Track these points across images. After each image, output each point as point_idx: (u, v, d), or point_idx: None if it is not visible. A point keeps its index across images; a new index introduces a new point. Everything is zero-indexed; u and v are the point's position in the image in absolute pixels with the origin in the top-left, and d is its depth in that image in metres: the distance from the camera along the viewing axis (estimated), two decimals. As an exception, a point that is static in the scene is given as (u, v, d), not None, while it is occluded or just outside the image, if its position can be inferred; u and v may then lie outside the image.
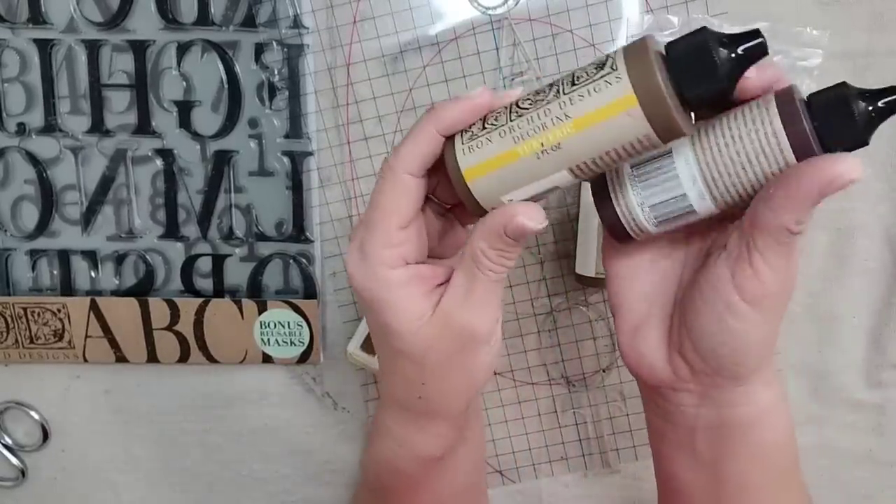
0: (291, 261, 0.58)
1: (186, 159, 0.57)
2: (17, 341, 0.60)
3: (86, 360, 0.60)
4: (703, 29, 0.33)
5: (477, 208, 0.38)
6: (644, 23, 0.53)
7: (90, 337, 0.60)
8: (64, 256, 0.59)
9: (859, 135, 0.34)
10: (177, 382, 0.61)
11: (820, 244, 0.56)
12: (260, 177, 0.57)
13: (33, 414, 0.62)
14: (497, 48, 0.54)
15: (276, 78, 0.55)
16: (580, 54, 0.54)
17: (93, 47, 0.56)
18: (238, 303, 0.58)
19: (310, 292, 0.59)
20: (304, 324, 0.58)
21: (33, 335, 0.60)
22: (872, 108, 0.34)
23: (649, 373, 0.40)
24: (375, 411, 0.44)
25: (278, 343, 0.59)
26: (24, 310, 0.59)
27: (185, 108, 0.57)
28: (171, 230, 0.58)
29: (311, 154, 0.57)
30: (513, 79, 0.55)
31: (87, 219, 0.59)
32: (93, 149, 0.58)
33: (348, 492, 0.62)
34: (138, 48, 0.56)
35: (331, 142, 0.56)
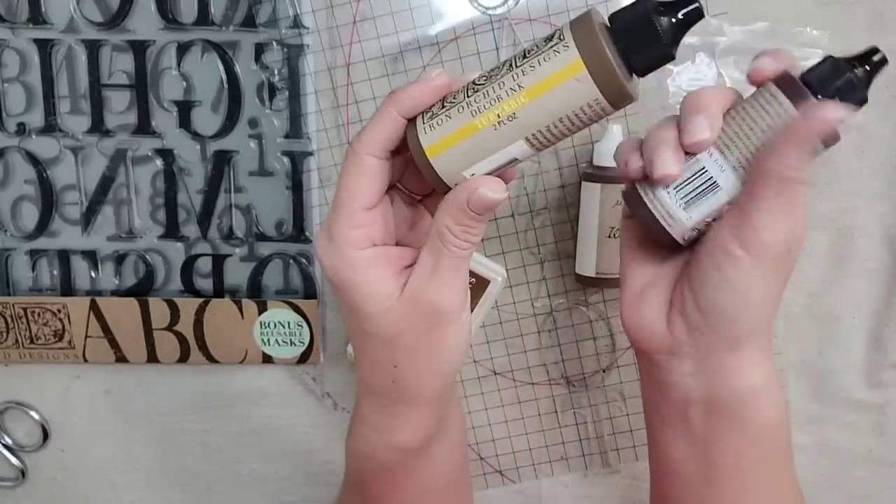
0: (291, 261, 0.58)
1: (186, 159, 0.57)
2: (17, 341, 0.60)
3: (86, 360, 0.60)
4: None
5: (441, 185, 0.39)
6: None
7: (90, 337, 0.60)
8: (64, 256, 0.59)
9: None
10: (177, 382, 0.61)
11: (820, 244, 0.57)
12: (260, 177, 0.57)
13: (33, 414, 0.62)
14: (497, 48, 0.54)
15: (276, 78, 0.55)
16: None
17: (93, 47, 0.56)
18: (238, 303, 0.58)
19: (310, 292, 0.59)
20: (304, 324, 0.58)
21: (33, 335, 0.60)
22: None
23: (648, 337, 0.41)
24: (355, 402, 0.44)
25: (278, 343, 0.59)
26: (25, 310, 0.59)
27: (185, 108, 0.57)
28: (171, 230, 0.58)
29: (311, 154, 0.57)
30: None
31: (87, 219, 0.59)
32: (93, 149, 0.58)
33: (348, 492, 0.63)
34: (138, 48, 0.56)
35: (331, 142, 0.56)
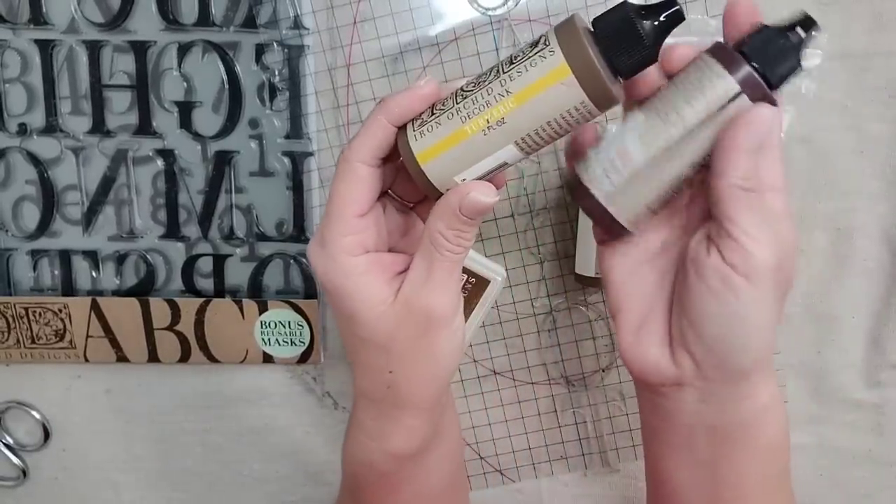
0: (292, 261, 0.59)
1: (187, 160, 0.58)
2: (18, 341, 0.60)
3: (87, 360, 0.60)
4: (624, 3, 0.36)
5: (432, 190, 0.39)
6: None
7: (91, 337, 0.60)
8: (65, 256, 0.59)
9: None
10: (177, 382, 0.61)
11: (819, 244, 0.57)
12: (260, 177, 0.57)
13: (34, 413, 0.62)
14: (497, 49, 0.55)
15: (277, 79, 0.56)
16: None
17: (94, 48, 0.56)
18: (239, 303, 0.58)
19: (310, 292, 0.59)
20: (305, 324, 0.59)
21: (34, 335, 0.60)
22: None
23: (654, 371, 0.40)
24: (351, 408, 0.44)
25: (279, 343, 0.59)
26: (26, 310, 0.59)
27: (185, 109, 0.57)
28: (172, 230, 0.59)
29: (311, 154, 0.57)
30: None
31: (88, 219, 0.59)
32: (94, 149, 0.58)
33: (348, 491, 0.63)
34: (139, 49, 0.56)
35: (331, 142, 0.57)
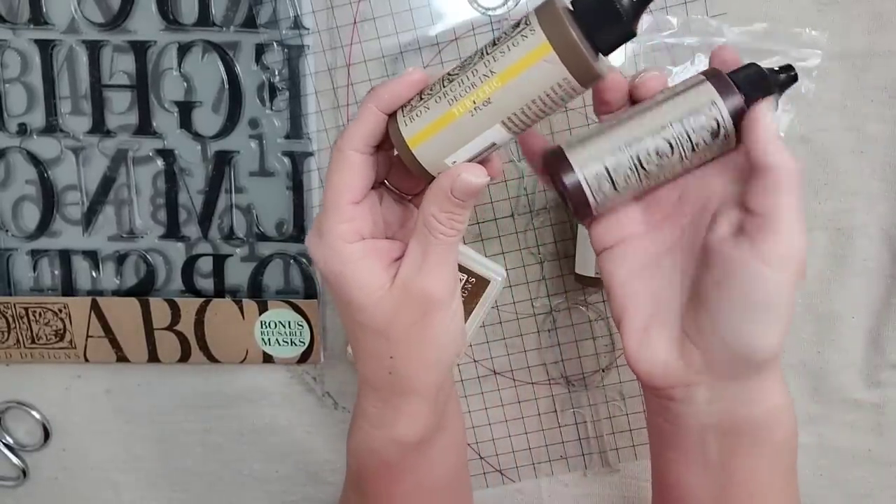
0: (292, 261, 0.59)
1: (187, 160, 0.58)
2: (18, 341, 0.60)
3: (87, 360, 0.60)
4: None
5: (424, 174, 0.40)
6: (643, 23, 0.53)
7: (91, 337, 0.60)
8: (65, 256, 0.59)
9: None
10: (177, 382, 0.61)
11: (819, 244, 0.57)
12: (260, 177, 0.57)
13: (34, 413, 0.62)
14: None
15: (277, 78, 0.56)
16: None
17: (94, 48, 0.56)
18: (239, 303, 0.58)
19: (310, 292, 0.59)
20: (305, 324, 0.59)
21: (34, 335, 0.60)
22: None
23: (662, 373, 0.40)
24: (356, 398, 0.44)
25: (279, 343, 0.59)
26: (26, 310, 0.59)
27: (185, 109, 0.57)
28: (172, 230, 0.59)
29: (311, 154, 0.57)
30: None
31: (88, 219, 0.59)
32: (94, 149, 0.58)
33: (348, 491, 0.63)
34: (139, 49, 0.56)
35: (331, 142, 0.57)
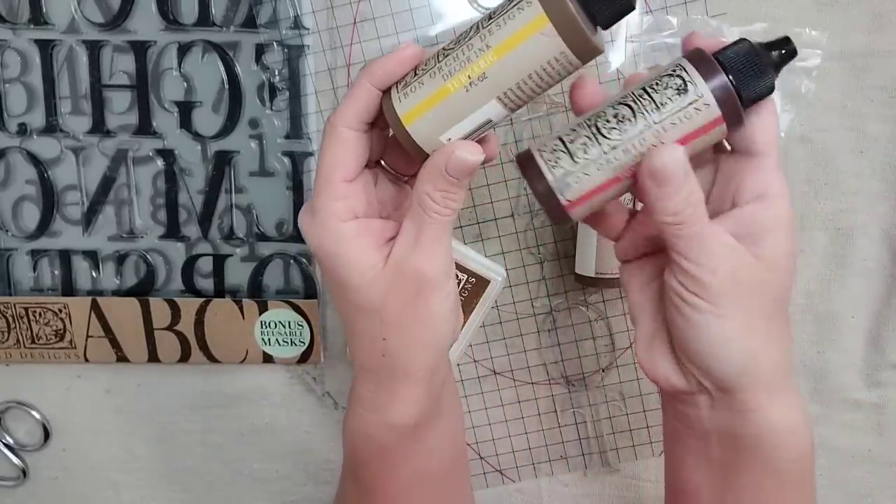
0: (292, 261, 0.59)
1: (187, 160, 0.58)
2: (18, 341, 0.60)
3: (87, 360, 0.60)
4: None
5: (419, 151, 0.39)
6: (643, 23, 0.53)
7: (91, 337, 0.60)
8: (65, 256, 0.59)
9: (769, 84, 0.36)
10: (177, 382, 0.61)
11: (819, 244, 0.57)
12: (260, 177, 0.57)
13: (34, 413, 0.62)
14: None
15: (277, 79, 0.56)
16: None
17: (94, 48, 0.56)
18: (239, 303, 0.58)
19: (310, 292, 0.59)
20: (305, 323, 0.59)
21: (34, 335, 0.60)
22: (775, 56, 0.37)
23: (665, 380, 0.41)
24: (351, 383, 0.44)
25: (279, 343, 0.59)
26: (26, 310, 0.59)
27: (185, 109, 0.57)
28: (172, 230, 0.59)
29: (311, 154, 0.57)
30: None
31: (89, 219, 0.59)
32: (94, 149, 0.58)
33: (348, 491, 0.63)
34: (139, 49, 0.56)
35: (331, 142, 0.56)
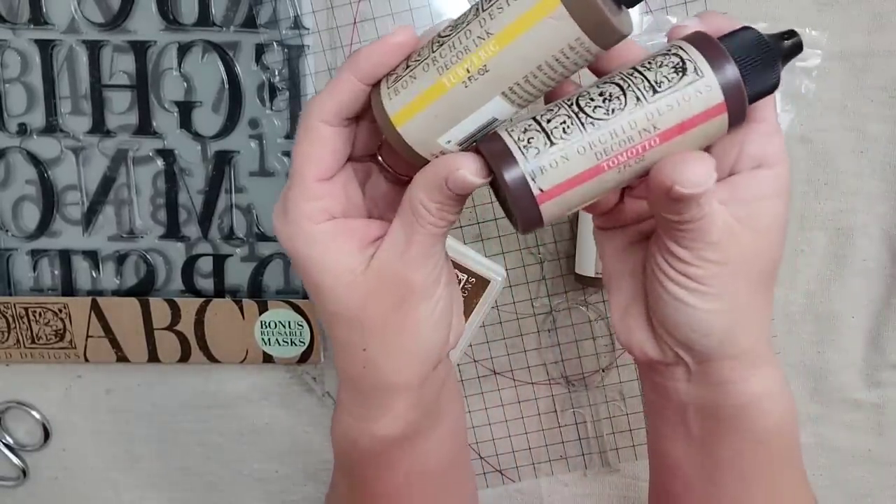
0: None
1: (187, 160, 0.58)
2: (18, 341, 0.60)
3: (87, 360, 0.60)
4: None
5: (414, 156, 0.34)
6: (643, 23, 0.53)
7: (91, 337, 0.60)
8: (65, 256, 0.59)
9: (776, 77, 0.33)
10: (177, 382, 0.61)
11: (819, 244, 0.57)
12: (260, 177, 0.57)
13: (34, 413, 0.62)
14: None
15: (277, 78, 0.56)
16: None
17: (94, 48, 0.56)
18: (239, 303, 0.58)
19: (310, 292, 0.59)
20: (305, 323, 0.59)
21: (34, 335, 0.60)
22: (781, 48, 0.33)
23: (640, 350, 0.39)
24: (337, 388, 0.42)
25: (279, 343, 0.59)
26: (26, 310, 0.59)
27: (185, 109, 0.57)
28: (172, 230, 0.59)
29: (311, 154, 0.57)
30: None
31: (89, 219, 0.59)
32: (94, 149, 0.58)
33: (348, 491, 0.63)
34: (139, 49, 0.56)
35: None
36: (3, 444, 0.63)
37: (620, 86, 0.32)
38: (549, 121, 0.32)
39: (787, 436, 0.39)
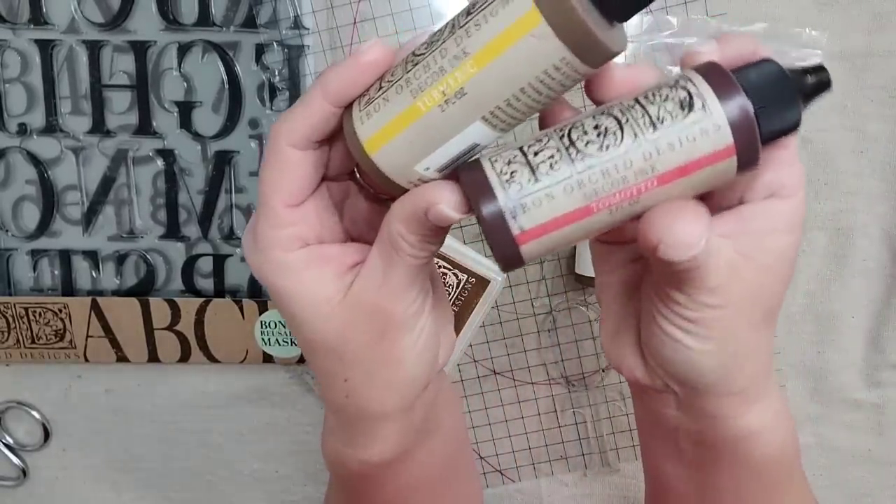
0: (292, 261, 0.59)
1: (187, 160, 0.58)
2: (18, 341, 0.60)
3: (87, 360, 0.60)
4: None
5: (389, 185, 0.32)
6: (643, 24, 0.53)
7: (91, 337, 0.60)
8: (65, 256, 0.59)
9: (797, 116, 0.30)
10: (177, 382, 0.61)
11: (819, 244, 0.57)
12: (260, 177, 0.57)
13: (34, 413, 0.62)
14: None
15: (277, 78, 0.56)
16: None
17: (94, 48, 0.56)
18: (239, 303, 0.58)
19: (310, 292, 0.59)
20: (305, 324, 0.58)
21: (35, 335, 0.60)
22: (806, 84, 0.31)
23: (629, 373, 0.37)
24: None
25: (279, 343, 0.59)
26: (26, 310, 0.59)
27: (185, 109, 0.57)
28: (172, 230, 0.59)
29: (311, 154, 0.57)
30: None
31: (89, 219, 0.59)
32: (94, 149, 0.58)
33: (348, 491, 0.63)
34: (139, 49, 0.56)
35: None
36: (3, 444, 0.63)
37: (618, 119, 0.29)
38: (537, 153, 0.30)
39: (788, 462, 0.38)
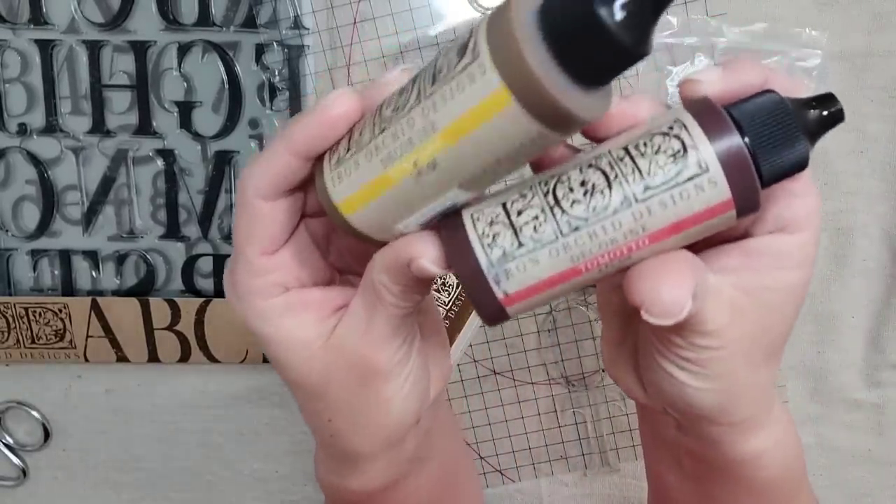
0: (292, 261, 0.59)
1: (187, 160, 0.58)
2: (18, 341, 0.60)
3: (87, 360, 0.60)
4: None
5: (367, 240, 0.31)
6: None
7: (91, 337, 0.60)
8: (65, 256, 0.59)
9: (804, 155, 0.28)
10: (177, 382, 0.61)
11: (819, 244, 0.56)
12: (260, 177, 0.57)
13: (34, 413, 0.62)
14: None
15: (277, 78, 0.56)
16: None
17: (94, 48, 0.56)
18: (239, 303, 0.58)
19: (310, 292, 0.59)
20: (305, 324, 0.58)
21: (34, 335, 0.60)
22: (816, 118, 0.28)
23: (628, 391, 0.36)
24: None
25: (279, 343, 0.59)
26: (26, 310, 0.59)
27: (185, 109, 0.57)
28: (172, 230, 0.59)
29: (311, 154, 0.57)
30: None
31: (89, 219, 0.59)
32: (94, 149, 0.58)
33: (348, 491, 0.63)
34: (139, 49, 0.56)
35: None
36: (3, 444, 0.63)
37: (606, 174, 0.27)
38: (520, 213, 0.28)
39: (793, 480, 0.36)
